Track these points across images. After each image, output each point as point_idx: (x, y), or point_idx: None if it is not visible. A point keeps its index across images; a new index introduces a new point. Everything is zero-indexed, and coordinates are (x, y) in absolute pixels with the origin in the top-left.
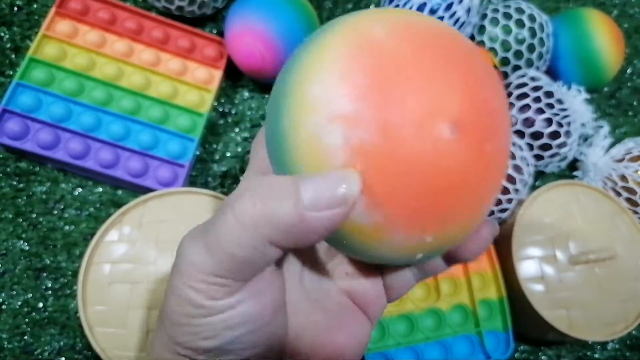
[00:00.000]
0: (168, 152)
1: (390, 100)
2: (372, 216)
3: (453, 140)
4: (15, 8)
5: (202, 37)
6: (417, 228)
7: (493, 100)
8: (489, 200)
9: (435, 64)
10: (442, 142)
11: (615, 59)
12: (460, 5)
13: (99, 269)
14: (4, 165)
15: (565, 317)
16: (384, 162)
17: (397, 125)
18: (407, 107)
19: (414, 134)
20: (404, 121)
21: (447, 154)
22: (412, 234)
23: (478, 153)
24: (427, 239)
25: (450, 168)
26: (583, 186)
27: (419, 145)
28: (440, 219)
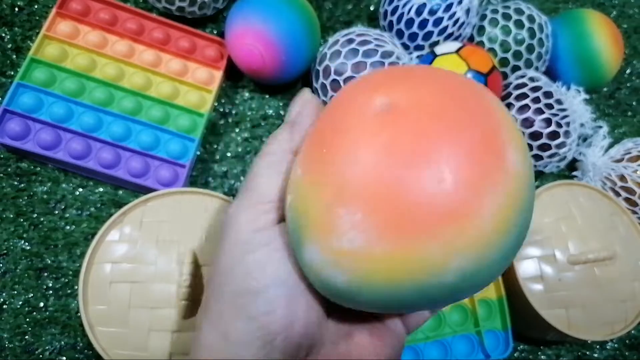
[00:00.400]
0: (169, 152)
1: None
2: (394, 240)
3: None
4: (16, 8)
5: (203, 37)
6: (439, 230)
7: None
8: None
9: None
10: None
11: (614, 59)
12: (459, 6)
13: (99, 268)
14: (5, 166)
15: (564, 316)
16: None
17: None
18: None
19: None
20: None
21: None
22: (440, 239)
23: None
24: (457, 242)
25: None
26: (582, 186)
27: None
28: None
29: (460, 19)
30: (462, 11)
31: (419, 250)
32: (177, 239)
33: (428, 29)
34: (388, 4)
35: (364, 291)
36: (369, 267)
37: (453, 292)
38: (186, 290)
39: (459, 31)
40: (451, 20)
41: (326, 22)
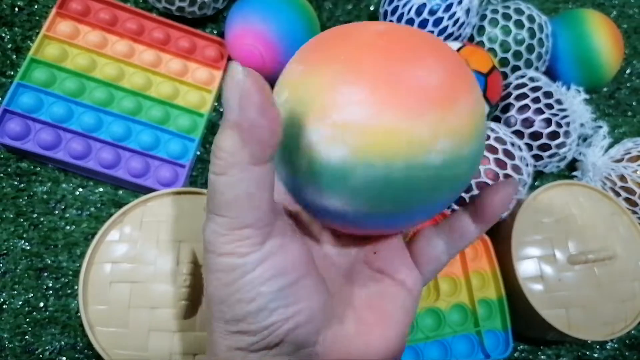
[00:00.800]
0: (169, 152)
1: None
2: (392, 117)
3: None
4: (16, 9)
5: (203, 37)
6: (429, 112)
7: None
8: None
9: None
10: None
11: (614, 59)
12: (459, 6)
13: (99, 268)
14: (5, 166)
15: (564, 316)
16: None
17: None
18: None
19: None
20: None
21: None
22: (429, 119)
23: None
24: (443, 125)
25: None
26: (582, 186)
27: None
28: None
29: (460, 19)
30: (462, 11)
31: (412, 127)
32: (177, 239)
33: (428, 29)
34: (388, 4)
35: (358, 170)
36: (366, 140)
37: (436, 178)
38: (186, 290)
39: (459, 31)
40: (451, 20)
41: (326, 22)
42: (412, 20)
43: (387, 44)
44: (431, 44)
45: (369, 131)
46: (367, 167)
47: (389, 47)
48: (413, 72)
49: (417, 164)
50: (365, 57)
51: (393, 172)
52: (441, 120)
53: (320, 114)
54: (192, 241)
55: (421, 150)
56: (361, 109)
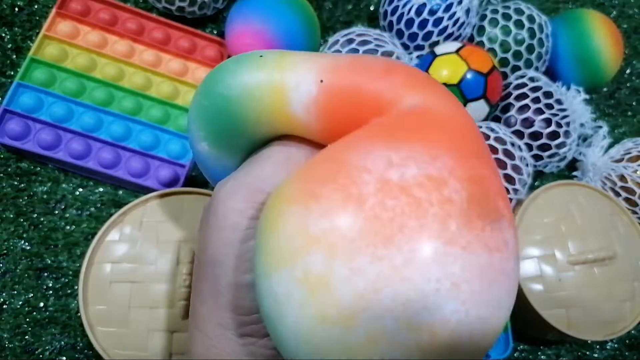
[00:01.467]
0: (169, 152)
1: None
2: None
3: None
4: (16, 9)
5: (203, 37)
6: None
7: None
8: None
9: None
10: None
11: (614, 59)
12: (459, 6)
13: (100, 268)
14: (5, 166)
15: (564, 316)
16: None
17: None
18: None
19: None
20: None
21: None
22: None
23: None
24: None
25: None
26: (582, 186)
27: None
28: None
29: (460, 19)
30: (462, 11)
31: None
32: (177, 239)
33: (428, 29)
34: (388, 4)
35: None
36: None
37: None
38: (186, 290)
39: (459, 31)
40: (451, 20)
41: (326, 22)
42: (412, 20)
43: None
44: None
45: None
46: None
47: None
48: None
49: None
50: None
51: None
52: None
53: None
54: (192, 241)
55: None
56: (321, 262)
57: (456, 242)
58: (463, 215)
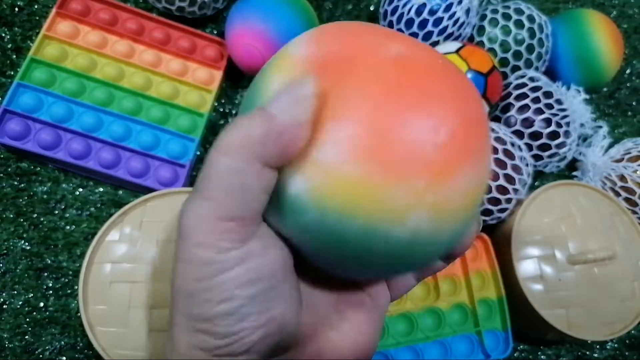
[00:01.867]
0: (169, 152)
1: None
2: (364, 166)
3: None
4: (16, 9)
5: (203, 37)
6: (414, 176)
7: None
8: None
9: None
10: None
11: (614, 59)
12: (459, 6)
13: (99, 268)
14: (5, 166)
15: (564, 316)
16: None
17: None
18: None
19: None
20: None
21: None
22: (410, 185)
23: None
24: (427, 197)
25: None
26: (582, 186)
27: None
28: (436, 171)
29: (460, 19)
30: (462, 11)
31: (383, 189)
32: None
33: (428, 29)
34: (388, 4)
35: (310, 213)
36: (327, 185)
37: (396, 254)
38: None
39: (459, 31)
40: (451, 20)
41: (326, 22)
42: (412, 20)
43: (397, 76)
44: (453, 83)
45: (333, 176)
46: (319, 213)
47: (398, 82)
48: (416, 121)
49: (376, 232)
50: (365, 91)
51: (346, 231)
52: (425, 191)
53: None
54: None
55: (386, 219)
56: (335, 150)
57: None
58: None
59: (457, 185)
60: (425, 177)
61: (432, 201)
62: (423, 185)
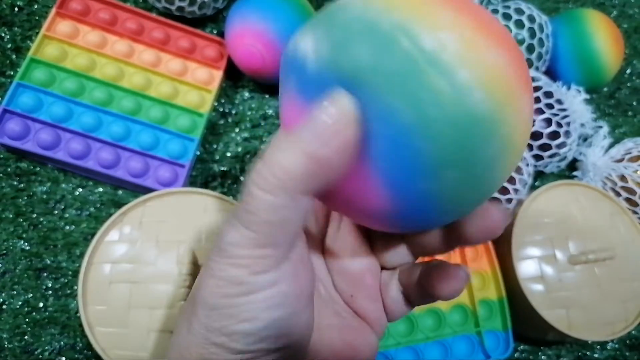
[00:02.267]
0: (168, 152)
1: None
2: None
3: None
4: (16, 8)
5: (203, 37)
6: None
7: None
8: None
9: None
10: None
11: (614, 59)
12: None
13: (99, 268)
14: (5, 166)
15: (564, 317)
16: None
17: None
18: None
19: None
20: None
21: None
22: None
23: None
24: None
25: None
26: (582, 186)
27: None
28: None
29: None
30: None
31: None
32: (177, 239)
33: None
34: None
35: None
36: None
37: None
38: (185, 291)
39: None
40: None
41: None
42: None
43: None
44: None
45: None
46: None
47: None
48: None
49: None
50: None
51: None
52: (490, 74)
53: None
54: (192, 241)
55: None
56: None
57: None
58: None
59: (523, 104)
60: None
61: (493, 88)
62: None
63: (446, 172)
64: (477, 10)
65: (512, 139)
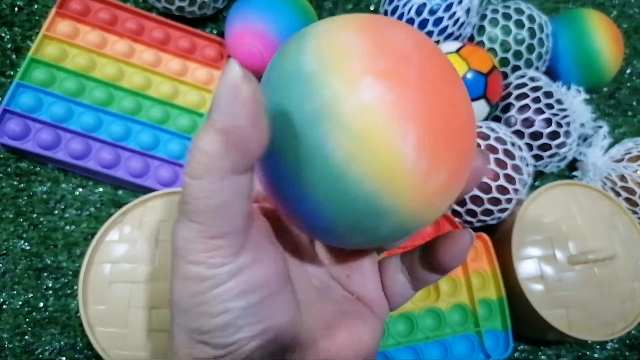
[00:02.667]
0: (168, 152)
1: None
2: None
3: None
4: (16, 8)
5: (203, 37)
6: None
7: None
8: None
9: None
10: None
11: (614, 59)
12: (459, 6)
13: (99, 268)
14: (5, 166)
15: (564, 316)
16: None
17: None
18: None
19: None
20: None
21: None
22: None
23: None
24: (441, 176)
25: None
26: (582, 186)
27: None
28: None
29: (460, 18)
30: (462, 11)
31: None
32: None
33: (428, 28)
34: (388, 4)
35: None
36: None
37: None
38: None
39: (459, 31)
40: (451, 20)
41: None
42: (412, 20)
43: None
44: (453, 68)
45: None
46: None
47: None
48: (451, 100)
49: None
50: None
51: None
52: (454, 175)
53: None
54: None
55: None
56: (377, 85)
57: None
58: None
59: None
60: (456, 162)
61: (444, 177)
62: (454, 169)
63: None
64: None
65: (404, 214)
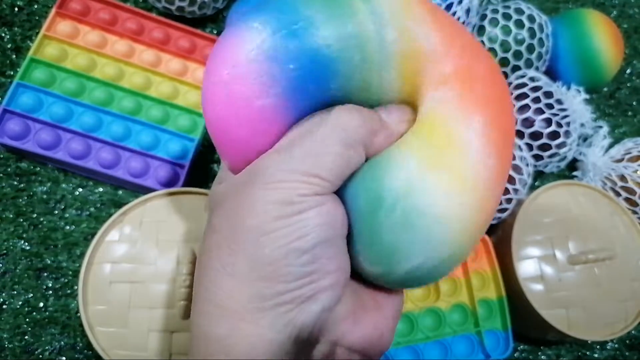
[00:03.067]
0: (168, 152)
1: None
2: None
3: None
4: (16, 8)
5: (203, 37)
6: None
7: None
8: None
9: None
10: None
11: (614, 59)
12: (459, 6)
13: (99, 268)
14: (5, 166)
15: (564, 316)
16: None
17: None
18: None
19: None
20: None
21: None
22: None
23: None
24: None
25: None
26: (582, 186)
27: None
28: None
29: (460, 18)
30: (462, 11)
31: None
32: (177, 239)
33: None
34: None
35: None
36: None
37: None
38: (186, 290)
39: None
40: None
41: None
42: None
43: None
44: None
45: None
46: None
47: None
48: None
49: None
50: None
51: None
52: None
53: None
54: (192, 241)
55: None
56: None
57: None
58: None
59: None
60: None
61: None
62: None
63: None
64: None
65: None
